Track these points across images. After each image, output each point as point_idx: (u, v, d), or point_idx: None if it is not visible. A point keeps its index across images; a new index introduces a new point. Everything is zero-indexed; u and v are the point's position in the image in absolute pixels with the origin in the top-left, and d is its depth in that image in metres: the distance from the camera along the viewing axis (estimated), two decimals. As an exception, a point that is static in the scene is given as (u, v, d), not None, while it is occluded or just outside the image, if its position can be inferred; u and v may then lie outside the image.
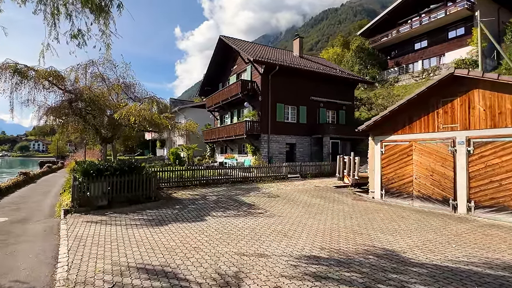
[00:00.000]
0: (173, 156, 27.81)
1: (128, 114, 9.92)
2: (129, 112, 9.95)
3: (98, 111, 10.35)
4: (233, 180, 14.98)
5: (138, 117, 9.88)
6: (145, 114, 10.20)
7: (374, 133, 11.65)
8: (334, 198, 11.51)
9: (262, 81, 20.06)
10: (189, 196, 11.11)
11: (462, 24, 30.13)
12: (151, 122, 10.47)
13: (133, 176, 9.80)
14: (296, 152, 21.40)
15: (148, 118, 10.38)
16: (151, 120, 10.49)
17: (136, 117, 9.84)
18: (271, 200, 10.66)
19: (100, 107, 10.21)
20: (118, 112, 10.07)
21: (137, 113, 9.94)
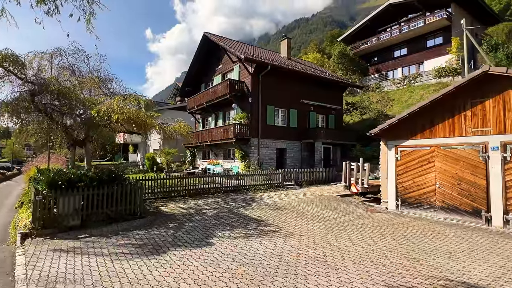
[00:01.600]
0: (150, 162, 25.48)
1: (109, 111, 8.02)
2: (110, 108, 8.05)
3: (69, 107, 8.32)
4: (225, 189, 13.35)
5: (121, 115, 8.02)
6: (129, 112, 8.35)
7: (387, 137, 10.67)
8: (346, 209, 10.33)
9: (252, 81, 18.67)
10: (181, 211, 9.34)
11: (440, 34, 30.97)
12: (136, 121, 8.64)
13: (114, 188, 7.90)
14: (287, 158, 20.17)
15: (133, 117, 8.53)
16: (136, 119, 8.65)
17: (120, 114, 7.98)
18: (278, 214, 9.23)
19: (71, 103, 8.19)
20: (96, 108, 8.13)
21: (120, 110, 8.08)
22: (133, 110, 8.63)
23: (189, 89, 26.85)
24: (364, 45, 38.10)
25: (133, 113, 8.65)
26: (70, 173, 7.74)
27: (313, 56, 45.11)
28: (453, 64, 27.57)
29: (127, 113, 8.22)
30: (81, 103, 8.60)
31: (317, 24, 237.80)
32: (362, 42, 38.14)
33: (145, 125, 9.14)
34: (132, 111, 8.53)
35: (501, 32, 27.13)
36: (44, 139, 8.68)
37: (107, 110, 8.15)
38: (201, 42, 23.55)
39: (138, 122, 8.85)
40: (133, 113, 8.65)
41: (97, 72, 10.59)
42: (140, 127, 9.00)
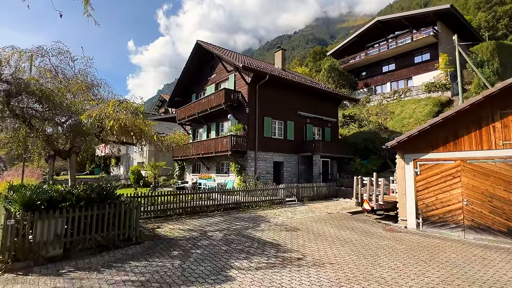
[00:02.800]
0: (134, 176, 23.74)
1: (102, 118, 6.80)
2: (104, 114, 6.84)
3: (53, 112, 7.01)
4: (225, 206, 12.15)
5: (116, 122, 6.81)
6: (125, 119, 7.14)
7: (404, 150, 9.98)
8: (363, 229, 9.41)
9: (249, 91, 17.82)
10: (182, 233, 8.06)
11: (427, 50, 31.74)
12: (133, 130, 7.43)
13: (106, 208, 6.59)
14: (284, 172, 19.22)
15: (129, 125, 7.33)
16: (133, 127, 7.44)
17: (115, 121, 6.77)
18: (294, 236, 8.16)
19: (56, 107, 6.90)
20: (86, 113, 6.89)
21: (116, 116, 6.88)
22: (129, 116, 7.43)
23: (178, 99, 25.65)
24: (352, 60, 38.60)
25: (129, 120, 7.44)
26: (51, 190, 6.38)
27: (301, 70, 45.20)
28: (442, 80, 28.07)
29: (123, 120, 7.01)
30: (67, 108, 7.30)
31: (299, 41, 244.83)
32: (350, 57, 38.63)
33: (141, 135, 7.93)
34: (128, 118, 7.33)
35: (486, 50, 28.08)
36: (21, 149, 7.27)
37: (99, 116, 6.91)
38: (193, 51, 22.61)
39: (134, 131, 7.63)
40: (129, 120, 7.44)
41: (83, 76, 9.38)
42: (136, 136, 7.77)
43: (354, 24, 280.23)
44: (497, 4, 67.17)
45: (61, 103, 7.25)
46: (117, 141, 8.07)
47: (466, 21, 32.73)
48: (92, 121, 6.84)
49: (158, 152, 11.62)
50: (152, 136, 8.43)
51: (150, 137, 8.47)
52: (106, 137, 7.65)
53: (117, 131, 6.89)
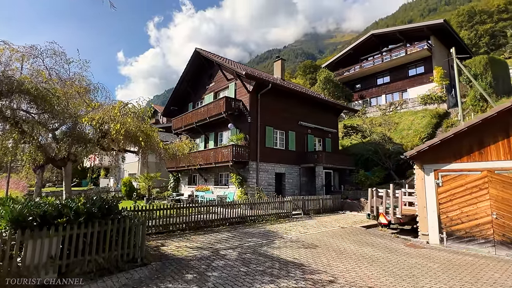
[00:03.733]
0: (126, 188, 22.51)
1: (107, 120, 6.01)
2: (108, 117, 6.05)
3: (49, 115, 6.16)
4: (230, 221, 11.30)
5: (123, 126, 6.03)
6: (131, 123, 6.36)
7: (423, 160, 9.49)
8: (384, 245, 8.75)
9: (251, 100, 17.25)
10: (191, 252, 7.19)
11: (421, 64, 32.22)
12: (140, 136, 6.63)
13: (108, 225, 5.72)
14: (286, 184, 18.51)
15: (135, 130, 6.54)
16: (139, 133, 6.65)
17: (122, 125, 5.98)
18: (315, 254, 7.42)
19: (53, 109, 6.06)
20: (88, 116, 6.09)
21: (122, 120, 6.11)
22: (135, 121, 6.66)
23: (174, 108, 24.85)
24: (347, 72, 38.90)
25: (136, 124, 6.67)
26: (45, 203, 5.48)
27: (295, 82, 45.26)
28: (437, 92, 28.35)
29: (130, 124, 6.23)
30: (64, 111, 6.48)
31: (289, 55, 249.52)
32: (345, 69, 38.92)
33: (148, 141, 7.14)
34: (135, 122, 6.56)
35: (479, 64, 28.62)
36: (10, 157, 6.35)
37: (102, 119, 6.12)
38: (191, 59, 22.04)
39: (140, 137, 6.84)
40: (136, 124, 6.67)
41: (79, 81, 8.59)
42: (141, 143, 6.97)
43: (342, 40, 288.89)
44: (478, 23, 70.20)
45: (59, 105, 6.42)
46: (121, 148, 7.22)
47: (458, 36, 33.58)
48: (94, 124, 6.04)
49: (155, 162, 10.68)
50: (158, 144, 7.64)
51: (156, 145, 7.68)
52: (110, 144, 6.80)
53: (123, 136, 6.09)
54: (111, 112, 6.21)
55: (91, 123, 6.12)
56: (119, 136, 5.94)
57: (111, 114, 6.15)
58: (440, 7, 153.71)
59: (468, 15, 73.01)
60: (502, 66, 31.93)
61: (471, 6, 79.93)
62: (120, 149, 7.28)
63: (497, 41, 66.96)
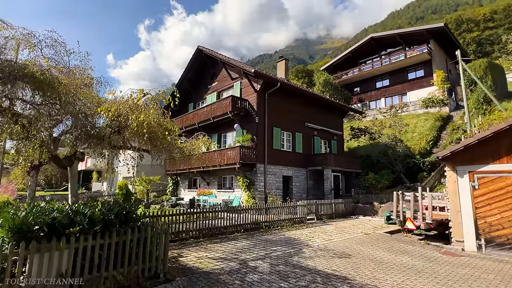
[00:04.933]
0: (122, 191, 21.30)
1: (125, 112, 5.12)
2: (128, 107, 5.17)
3: (56, 105, 5.22)
4: (245, 227, 10.46)
5: (146, 119, 5.16)
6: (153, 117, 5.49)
7: (456, 162, 8.90)
8: (420, 253, 8.07)
9: (258, 100, 16.52)
10: (216, 264, 6.32)
11: (421, 67, 32.22)
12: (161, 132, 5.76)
13: (128, 234, 4.83)
14: (293, 187, 17.76)
15: (154, 123, 5.67)
16: (160, 128, 5.78)
17: (145, 117, 5.11)
18: (352, 264, 6.66)
19: (60, 98, 5.14)
20: (103, 107, 5.21)
21: (145, 111, 5.25)
22: (157, 113, 5.80)
23: (173, 109, 23.81)
24: (345, 75, 38.70)
25: (156, 118, 5.80)
26: (52, 209, 4.56)
27: (293, 85, 44.83)
28: (439, 95, 28.25)
29: (152, 117, 5.37)
30: (74, 102, 5.56)
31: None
32: (344, 72, 38.71)
33: (166, 139, 6.27)
34: (156, 115, 5.70)
35: (479, 68, 28.69)
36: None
37: (119, 111, 5.24)
38: (193, 58, 21.20)
39: (159, 133, 5.97)
40: (156, 118, 5.80)
41: (81, 73, 7.68)
42: (161, 140, 6.09)
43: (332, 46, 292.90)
44: (465, 31, 71.92)
45: (66, 94, 5.52)
46: (140, 146, 6.29)
47: (457, 41, 33.75)
48: (110, 116, 5.15)
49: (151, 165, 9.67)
50: (177, 142, 6.78)
51: (174, 143, 6.81)
52: (126, 141, 5.87)
53: (147, 130, 5.20)
54: (130, 101, 5.33)
55: (106, 115, 5.22)
56: (142, 130, 5.07)
57: (130, 104, 5.27)
58: (427, 16, 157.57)
59: (455, 23, 74.74)
60: (499, 71, 32.18)
61: (459, 14, 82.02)
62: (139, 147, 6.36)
63: (483, 48, 68.59)
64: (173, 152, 7.22)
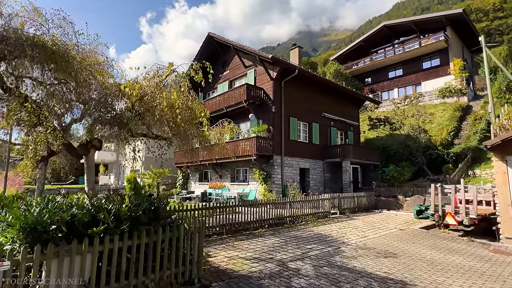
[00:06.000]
0: (131, 185, 20.68)
1: (151, 91, 4.33)
2: (154, 86, 4.38)
3: (72, 83, 4.44)
4: (269, 222, 9.74)
5: (178, 98, 4.38)
6: (182, 98, 4.70)
7: (506, 151, 8.04)
8: (468, 251, 7.31)
9: (274, 88, 15.66)
10: (252, 265, 5.59)
11: (437, 56, 31.00)
12: (187, 115, 4.99)
13: (158, 234, 4.09)
14: (310, 180, 17.01)
15: (182, 106, 4.89)
16: (186, 110, 5.01)
17: (178, 97, 4.34)
18: (402, 265, 5.91)
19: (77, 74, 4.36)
20: (126, 84, 4.43)
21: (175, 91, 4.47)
22: (184, 95, 5.01)
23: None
24: (355, 66, 37.54)
25: (184, 99, 5.01)
26: (71, 204, 3.82)
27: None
28: (457, 85, 27.14)
29: (182, 99, 4.59)
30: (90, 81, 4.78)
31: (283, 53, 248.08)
32: (354, 62, 37.56)
33: (195, 124, 5.48)
34: (184, 97, 4.91)
35: (499, 56, 27.49)
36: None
37: (146, 89, 4.45)
38: (203, 46, 20.29)
39: (190, 118, 5.18)
40: (184, 99, 5.01)
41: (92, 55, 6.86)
42: (188, 127, 5.30)
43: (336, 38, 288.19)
44: (474, 21, 69.84)
45: (81, 71, 4.73)
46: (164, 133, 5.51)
47: (475, 28, 32.35)
48: (135, 95, 4.37)
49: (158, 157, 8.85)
50: (204, 127, 6.00)
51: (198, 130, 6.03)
52: (150, 126, 5.06)
53: (180, 111, 4.41)
54: (156, 79, 4.53)
55: (129, 95, 4.43)
56: (172, 113, 4.27)
57: (156, 82, 4.48)
58: (433, 6, 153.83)
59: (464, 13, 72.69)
60: (519, 59, 30.91)
61: (467, 4, 79.62)
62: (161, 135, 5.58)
63: (493, 39, 66.71)
64: (198, 140, 6.43)
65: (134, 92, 4.43)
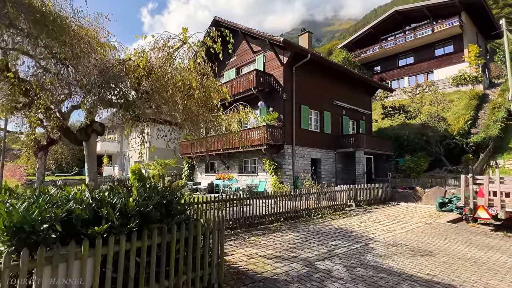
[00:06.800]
0: (136, 176, 20.14)
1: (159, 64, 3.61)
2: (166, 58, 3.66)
3: (73, 52, 3.73)
4: (284, 215, 9.09)
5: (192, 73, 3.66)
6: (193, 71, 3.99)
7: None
8: (508, 248, 6.60)
9: (285, 74, 14.84)
10: (275, 266, 4.95)
11: (450, 42, 29.79)
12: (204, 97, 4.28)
13: (172, 233, 3.42)
14: (321, 171, 16.32)
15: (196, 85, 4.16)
16: (200, 89, 4.29)
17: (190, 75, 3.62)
18: (443, 265, 5.25)
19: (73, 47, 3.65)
20: (134, 53, 3.73)
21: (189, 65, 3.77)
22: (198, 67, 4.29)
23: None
24: (364, 54, 36.37)
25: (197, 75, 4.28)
26: (67, 198, 3.16)
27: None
28: (472, 72, 26.02)
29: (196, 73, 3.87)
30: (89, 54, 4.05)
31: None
32: (363, 50, 36.37)
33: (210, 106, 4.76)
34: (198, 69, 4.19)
35: (516, 42, 26.21)
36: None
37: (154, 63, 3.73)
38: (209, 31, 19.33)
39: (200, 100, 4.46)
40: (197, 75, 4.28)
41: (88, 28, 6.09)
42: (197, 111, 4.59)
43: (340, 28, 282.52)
44: (492, 2, 67.67)
45: (79, 40, 4.00)
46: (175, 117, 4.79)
47: (491, 13, 30.92)
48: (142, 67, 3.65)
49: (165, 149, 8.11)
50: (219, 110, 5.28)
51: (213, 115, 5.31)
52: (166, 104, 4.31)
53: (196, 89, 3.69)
54: (167, 49, 3.80)
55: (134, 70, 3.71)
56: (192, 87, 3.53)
57: (169, 52, 3.76)
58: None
59: (473, 0, 70.54)
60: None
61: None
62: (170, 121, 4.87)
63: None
64: (212, 127, 5.72)
65: (141, 64, 3.71)
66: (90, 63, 3.88)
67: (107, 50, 4.45)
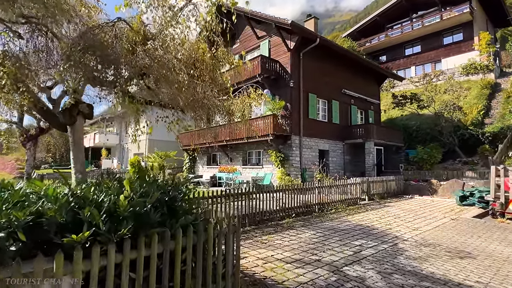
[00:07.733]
0: (135, 169, 19.38)
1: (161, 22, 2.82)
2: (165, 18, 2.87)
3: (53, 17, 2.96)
4: (295, 210, 8.36)
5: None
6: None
7: None
8: (553, 248, 5.88)
9: (292, 60, 13.96)
10: (298, 273, 4.21)
11: (459, 30, 28.74)
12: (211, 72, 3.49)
13: (177, 239, 2.66)
14: (329, 163, 15.56)
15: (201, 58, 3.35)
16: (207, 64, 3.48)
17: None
18: (489, 269, 4.54)
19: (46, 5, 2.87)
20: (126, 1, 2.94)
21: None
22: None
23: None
24: (368, 42, 35.30)
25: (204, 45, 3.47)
26: (35, 195, 2.39)
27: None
28: (483, 61, 25.06)
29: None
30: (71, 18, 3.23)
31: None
32: (368, 39, 35.29)
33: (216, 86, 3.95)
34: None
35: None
36: None
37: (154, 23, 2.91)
38: (209, 15, 18.35)
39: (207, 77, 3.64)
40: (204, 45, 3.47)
41: None
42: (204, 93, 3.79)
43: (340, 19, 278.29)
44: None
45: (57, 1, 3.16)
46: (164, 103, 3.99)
47: (504, 2, 29.68)
48: (135, 28, 2.85)
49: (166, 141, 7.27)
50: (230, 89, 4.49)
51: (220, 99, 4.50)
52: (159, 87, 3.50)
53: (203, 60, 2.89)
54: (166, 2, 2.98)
55: (127, 33, 2.91)
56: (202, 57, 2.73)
57: (174, 11, 2.93)
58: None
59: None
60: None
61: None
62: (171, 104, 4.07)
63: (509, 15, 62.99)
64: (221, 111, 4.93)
65: (135, 25, 2.91)
66: (70, 23, 3.06)
67: (94, 13, 3.61)
